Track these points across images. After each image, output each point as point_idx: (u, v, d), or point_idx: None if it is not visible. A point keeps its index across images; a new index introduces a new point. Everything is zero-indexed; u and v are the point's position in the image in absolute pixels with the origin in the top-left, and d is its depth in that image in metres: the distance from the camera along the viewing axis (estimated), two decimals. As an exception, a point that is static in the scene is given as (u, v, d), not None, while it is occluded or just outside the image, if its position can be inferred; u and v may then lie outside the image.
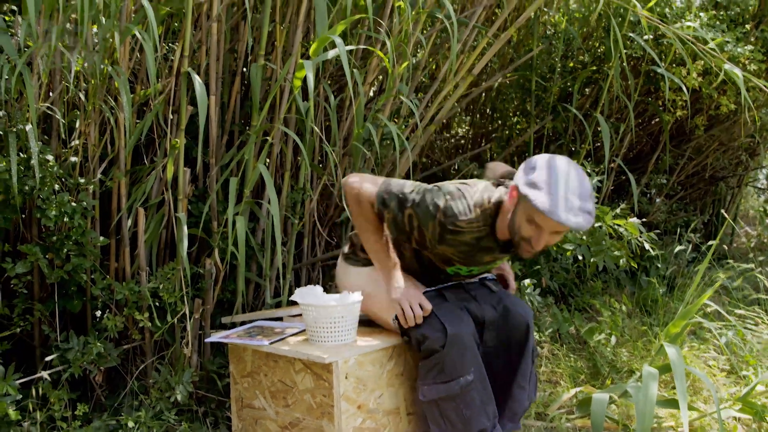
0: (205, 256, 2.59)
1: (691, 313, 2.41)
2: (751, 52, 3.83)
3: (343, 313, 1.97)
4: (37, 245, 2.38)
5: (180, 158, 2.44)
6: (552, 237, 1.85)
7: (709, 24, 3.76)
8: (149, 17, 2.09)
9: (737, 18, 3.88)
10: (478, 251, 1.99)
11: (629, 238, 2.90)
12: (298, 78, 2.17)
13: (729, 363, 2.97)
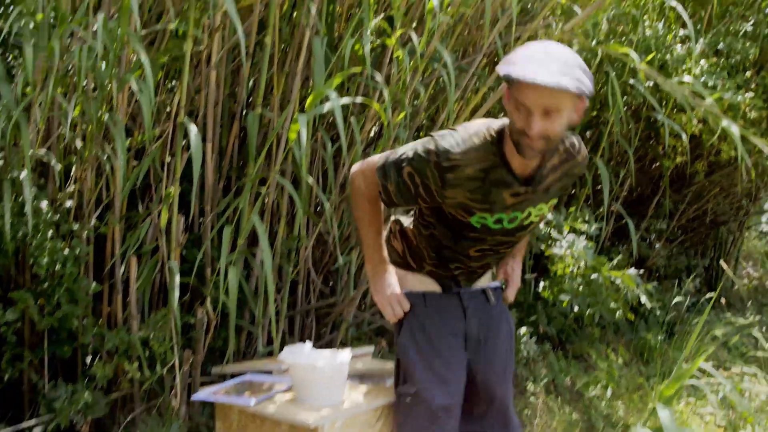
0: (197, 304, 2.57)
1: (685, 377, 2.38)
2: (751, 99, 3.84)
3: (331, 373, 1.94)
4: (29, 291, 2.36)
5: (174, 206, 2.43)
6: (545, 120, 1.58)
7: (709, 71, 3.77)
8: (146, 70, 2.09)
9: (738, 65, 3.89)
10: (492, 186, 1.73)
11: (626, 290, 2.88)
12: (293, 131, 2.16)
13: (727, 419, 2.93)
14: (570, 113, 1.62)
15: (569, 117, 1.62)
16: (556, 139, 1.63)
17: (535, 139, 1.59)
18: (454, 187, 1.72)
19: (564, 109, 1.59)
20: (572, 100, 1.59)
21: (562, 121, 1.60)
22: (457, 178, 1.71)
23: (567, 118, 1.61)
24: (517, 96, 1.60)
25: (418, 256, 1.98)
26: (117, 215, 2.52)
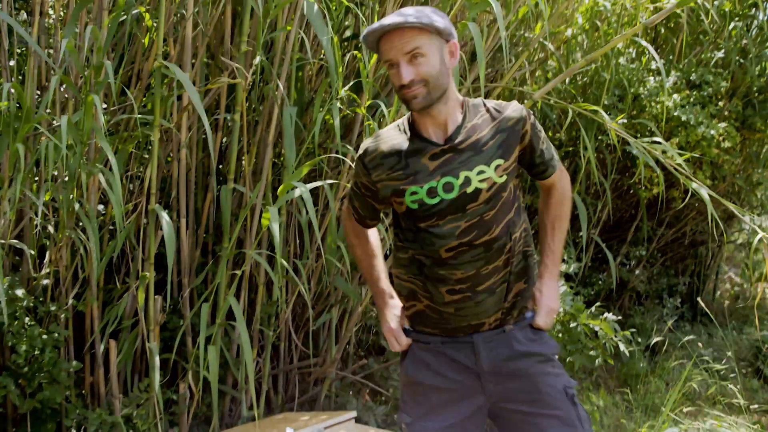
0: (180, 380, 2.59)
1: None
2: (724, 128, 3.88)
3: None
4: (9, 375, 2.38)
5: (150, 288, 2.44)
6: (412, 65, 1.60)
7: (682, 104, 3.81)
8: (112, 163, 2.09)
9: (712, 96, 3.92)
10: (408, 158, 1.70)
11: (604, 339, 2.92)
12: (266, 219, 2.18)
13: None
14: (438, 53, 1.63)
15: (440, 57, 1.63)
16: (435, 81, 1.62)
17: (413, 86, 1.61)
18: (376, 168, 1.72)
19: (425, 49, 1.61)
20: (431, 39, 1.61)
21: (432, 61, 1.61)
22: (373, 159, 1.73)
23: (437, 57, 1.62)
24: (382, 59, 1.67)
25: (413, 296, 1.78)
26: (94, 292, 2.54)
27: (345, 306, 3.10)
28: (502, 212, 1.67)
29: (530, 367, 1.70)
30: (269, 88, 2.55)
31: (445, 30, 1.63)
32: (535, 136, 1.70)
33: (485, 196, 1.65)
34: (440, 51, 1.64)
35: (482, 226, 1.66)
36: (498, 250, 1.67)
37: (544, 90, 2.73)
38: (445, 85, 1.65)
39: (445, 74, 1.65)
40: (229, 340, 2.82)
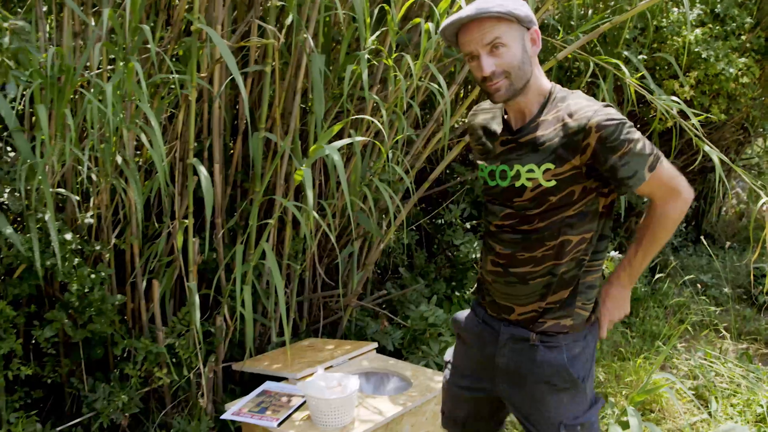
0: (215, 313, 2.82)
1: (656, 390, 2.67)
2: (744, 64, 3.89)
3: (341, 403, 2.22)
4: (61, 309, 2.60)
5: (189, 230, 2.61)
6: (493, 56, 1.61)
7: (704, 39, 3.80)
8: (150, 119, 2.20)
9: (735, 31, 3.90)
10: (488, 136, 1.79)
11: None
12: (299, 176, 2.31)
13: (695, 388, 3.26)
14: (520, 42, 1.62)
15: (522, 46, 1.62)
16: (518, 71, 1.62)
17: (495, 78, 1.62)
18: (470, 134, 1.88)
19: (505, 38, 1.60)
20: (511, 27, 1.60)
21: (514, 50, 1.61)
22: (471, 125, 1.88)
23: (519, 46, 1.62)
24: (462, 51, 1.67)
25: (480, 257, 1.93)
26: (135, 232, 2.71)
27: (367, 239, 3.29)
28: (552, 213, 1.66)
29: (536, 392, 1.73)
30: (298, 40, 2.60)
31: (526, 17, 1.61)
32: (605, 150, 1.56)
33: (529, 195, 1.67)
34: (522, 40, 1.62)
35: (524, 219, 1.70)
36: (537, 241, 1.68)
37: (582, 41, 2.75)
38: (528, 74, 1.64)
39: (528, 63, 1.63)
40: (259, 273, 3.01)
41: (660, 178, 1.60)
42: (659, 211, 1.64)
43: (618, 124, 1.56)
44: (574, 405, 1.72)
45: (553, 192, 1.64)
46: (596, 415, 1.77)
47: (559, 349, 1.70)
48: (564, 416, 1.71)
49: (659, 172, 1.60)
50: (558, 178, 1.63)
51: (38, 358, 2.74)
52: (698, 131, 2.72)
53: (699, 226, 5.49)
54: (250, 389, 2.91)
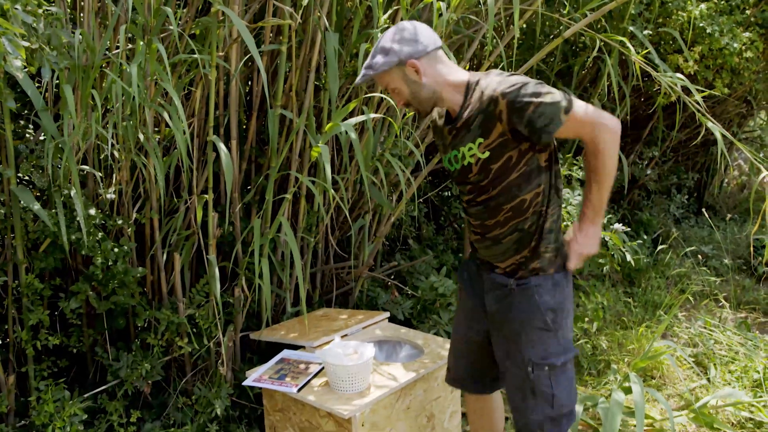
0: (233, 285, 2.92)
1: (657, 357, 2.78)
2: (748, 38, 3.93)
3: (358, 369, 2.33)
4: (86, 281, 2.70)
5: (209, 205, 2.70)
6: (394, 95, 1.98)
7: (709, 14, 3.84)
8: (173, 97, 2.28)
9: (740, 5, 3.94)
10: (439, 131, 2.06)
11: (613, 250, 3.20)
12: (315, 152, 2.39)
13: (695, 355, 3.38)
14: (403, 80, 1.91)
15: (406, 82, 1.92)
16: (415, 100, 1.94)
17: (407, 107, 2.00)
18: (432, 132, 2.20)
19: (392, 84, 1.93)
20: (391, 75, 1.91)
21: (401, 89, 1.93)
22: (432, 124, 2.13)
23: (404, 84, 1.92)
24: None
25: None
26: (155, 207, 2.80)
27: (378, 212, 3.38)
28: (499, 179, 1.90)
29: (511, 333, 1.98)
30: (313, 19, 2.66)
31: (399, 61, 1.88)
32: (516, 111, 1.77)
33: (476, 170, 1.94)
34: (404, 78, 1.91)
35: (480, 190, 1.96)
36: (497, 207, 1.94)
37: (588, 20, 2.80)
38: (427, 95, 1.93)
39: (420, 88, 1.92)
40: (275, 245, 3.11)
41: (578, 118, 1.78)
42: (591, 146, 1.82)
43: (520, 85, 1.78)
44: (543, 346, 1.94)
45: (492, 161, 1.89)
46: (567, 362, 1.97)
47: (530, 291, 1.94)
48: (533, 355, 1.95)
49: (576, 112, 1.78)
50: (490, 148, 1.88)
51: (64, 329, 2.85)
52: (701, 106, 2.79)
53: (701, 198, 5.58)
54: (266, 358, 3.03)
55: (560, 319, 1.96)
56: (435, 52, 1.91)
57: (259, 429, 2.87)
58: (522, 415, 2.02)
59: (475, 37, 3.21)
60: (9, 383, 2.55)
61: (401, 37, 1.88)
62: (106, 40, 2.28)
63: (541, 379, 1.95)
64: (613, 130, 1.81)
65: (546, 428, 1.99)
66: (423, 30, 1.91)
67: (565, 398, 1.97)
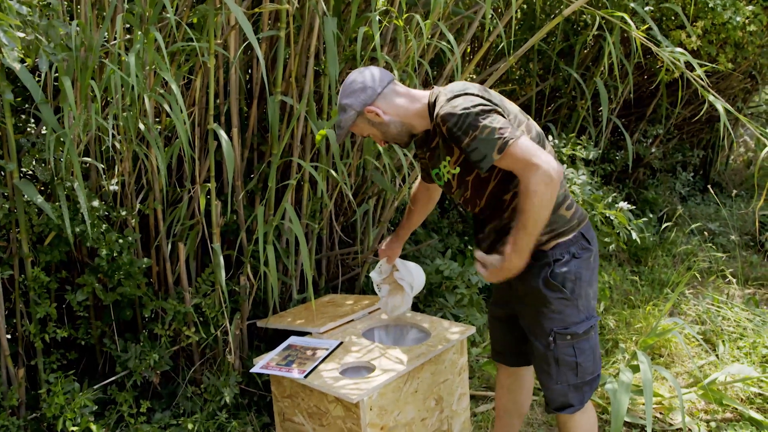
0: (239, 273, 2.92)
1: (665, 334, 2.77)
2: (752, 11, 3.89)
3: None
4: (92, 273, 2.71)
5: (212, 193, 2.69)
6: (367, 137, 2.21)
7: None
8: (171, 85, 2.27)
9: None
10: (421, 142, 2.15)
11: (619, 229, 3.19)
12: (320, 135, 2.38)
13: (703, 333, 3.37)
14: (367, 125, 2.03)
15: (371, 126, 2.03)
16: (388, 138, 2.05)
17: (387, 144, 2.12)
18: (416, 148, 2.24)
19: (363, 132, 2.07)
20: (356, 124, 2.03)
21: (372, 133, 2.06)
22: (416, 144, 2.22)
23: (370, 128, 2.04)
24: None
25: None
26: (158, 197, 2.80)
27: (382, 197, 3.37)
28: (480, 190, 1.98)
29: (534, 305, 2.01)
30: (311, 4, 2.64)
31: (352, 114, 1.99)
32: (453, 139, 1.83)
33: (454, 184, 2.04)
34: (367, 123, 2.02)
35: (468, 202, 2.05)
36: (492, 214, 2.02)
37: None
38: (396, 130, 2.03)
39: (388, 127, 2.02)
40: (279, 233, 3.11)
41: (513, 156, 1.77)
42: (522, 185, 1.79)
43: (460, 115, 1.79)
44: (564, 316, 1.98)
45: (465, 174, 1.97)
46: (589, 330, 2.01)
47: (548, 264, 1.96)
48: (555, 325, 1.98)
49: (511, 151, 1.76)
50: (458, 164, 1.96)
51: (71, 321, 2.86)
52: (704, 81, 2.77)
53: (706, 175, 5.54)
54: (273, 345, 3.04)
55: (579, 288, 1.98)
56: (387, 89, 2.00)
57: (268, 416, 2.89)
58: (547, 386, 2.07)
59: (475, 18, 3.19)
60: (19, 376, 2.57)
61: (350, 90, 1.99)
62: (104, 30, 2.28)
63: (564, 349, 2.00)
64: (546, 173, 1.74)
65: (570, 396, 2.05)
66: (368, 75, 1.99)
67: (590, 365, 2.02)
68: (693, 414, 2.80)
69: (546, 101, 4.38)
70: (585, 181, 3.35)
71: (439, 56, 3.66)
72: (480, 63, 3.83)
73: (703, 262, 4.15)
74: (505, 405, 2.49)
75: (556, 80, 4.27)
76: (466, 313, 3.35)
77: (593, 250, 2.04)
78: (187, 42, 2.48)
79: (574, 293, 1.97)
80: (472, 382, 3.17)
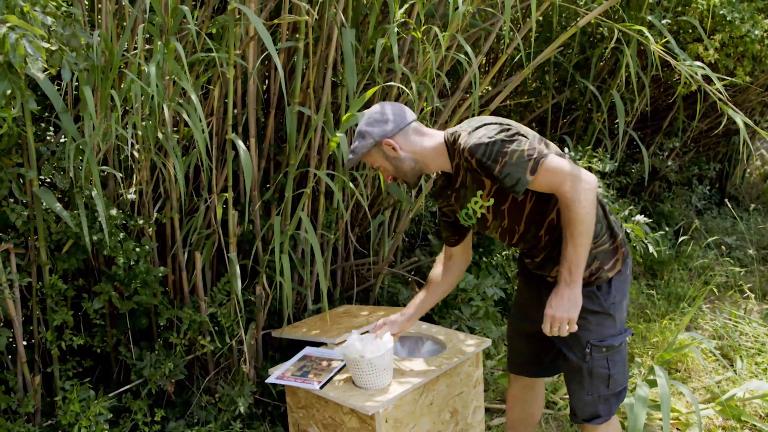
0: (254, 283, 2.92)
1: (682, 349, 2.75)
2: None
3: (378, 361, 2.31)
4: (108, 281, 2.72)
5: (229, 203, 2.70)
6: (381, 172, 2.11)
7: (729, 2, 3.78)
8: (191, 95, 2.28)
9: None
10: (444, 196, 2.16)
11: (635, 242, 3.17)
12: (334, 142, 2.39)
13: (720, 348, 3.33)
14: (383, 158, 2.04)
15: (387, 159, 2.04)
16: (400, 174, 2.06)
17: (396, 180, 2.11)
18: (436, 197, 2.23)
19: (376, 163, 2.07)
20: (371, 155, 2.04)
21: (385, 166, 2.06)
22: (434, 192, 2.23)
23: (386, 161, 2.04)
24: None
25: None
26: (175, 207, 2.81)
27: (397, 208, 3.37)
28: (518, 215, 1.98)
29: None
30: (330, 15, 2.65)
31: (373, 141, 2.00)
32: (485, 170, 1.85)
33: (490, 217, 2.03)
34: (383, 156, 2.04)
35: (506, 232, 2.05)
36: (533, 237, 2.02)
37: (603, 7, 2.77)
38: (409, 167, 2.04)
39: (401, 163, 2.03)
40: (295, 243, 3.11)
41: (546, 173, 1.80)
42: (562, 200, 1.82)
43: (486, 144, 1.82)
44: (601, 329, 1.99)
45: (500, 203, 1.97)
46: (623, 343, 2.02)
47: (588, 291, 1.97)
48: (592, 337, 1.99)
49: (544, 170, 1.80)
50: (492, 195, 1.96)
51: (88, 329, 2.87)
52: (722, 95, 2.75)
53: (723, 188, 5.51)
54: (288, 355, 3.03)
55: (618, 302, 2.01)
56: (408, 126, 2.02)
57: (283, 426, 2.88)
58: (579, 396, 2.08)
59: (492, 30, 3.19)
60: (35, 383, 2.58)
61: (373, 120, 2.02)
62: (124, 40, 2.30)
63: (599, 361, 2.01)
64: (587, 181, 1.80)
65: (599, 407, 2.06)
66: (392, 109, 2.03)
67: (621, 378, 2.04)
68: (711, 430, 2.77)
69: (562, 113, 4.38)
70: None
71: (456, 68, 3.66)
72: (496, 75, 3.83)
73: (720, 277, 4.10)
74: (519, 416, 2.50)
75: (572, 92, 4.26)
76: (481, 325, 3.33)
77: (629, 262, 2.07)
78: (207, 52, 2.49)
79: (612, 307, 1.99)
80: (486, 395, 3.15)
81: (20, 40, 1.64)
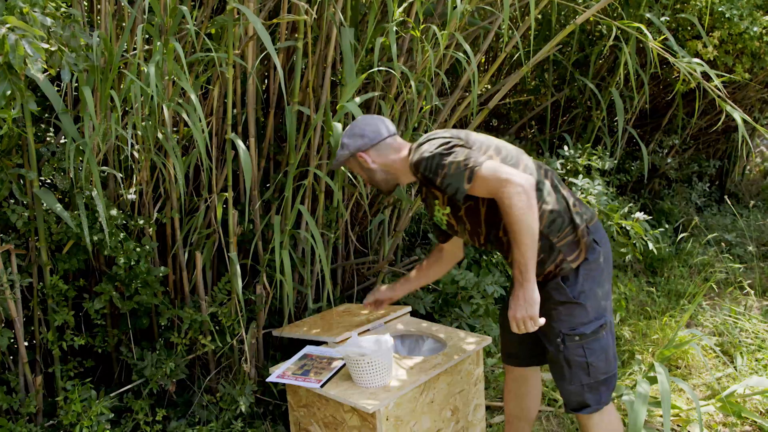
0: (255, 282, 2.93)
1: (682, 346, 2.75)
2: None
3: (378, 359, 2.32)
4: (109, 281, 2.72)
5: (229, 202, 2.71)
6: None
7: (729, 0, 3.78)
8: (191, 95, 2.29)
9: (758, -13, 3.88)
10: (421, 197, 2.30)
11: (635, 239, 3.17)
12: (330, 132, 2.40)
13: (720, 344, 3.34)
14: (359, 167, 2.24)
15: (361, 169, 2.23)
16: (374, 182, 2.25)
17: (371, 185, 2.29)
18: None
19: (353, 170, 2.28)
20: (349, 162, 2.24)
21: (361, 173, 2.26)
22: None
23: (361, 170, 2.24)
24: None
25: None
26: (175, 206, 2.82)
27: (397, 207, 3.38)
28: (475, 219, 2.08)
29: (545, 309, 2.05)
30: (328, 14, 2.66)
31: (347, 153, 2.19)
32: (427, 181, 1.99)
33: (454, 222, 2.16)
34: (359, 165, 2.23)
35: (473, 234, 2.15)
36: (495, 240, 2.11)
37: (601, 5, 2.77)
38: (381, 178, 2.23)
39: (374, 174, 2.22)
40: (295, 242, 3.12)
41: (481, 180, 1.90)
42: (500, 205, 1.90)
43: (427, 158, 1.97)
44: (571, 318, 2.04)
45: (456, 210, 2.10)
46: (599, 330, 2.04)
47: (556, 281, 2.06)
48: (563, 327, 2.05)
49: (478, 177, 1.90)
50: (446, 203, 2.11)
51: (89, 330, 2.88)
52: (721, 92, 2.75)
53: (723, 185, 5.51)
54: (289, 354, 3.04)
55: (588, 290, 2.03)
56: (382, 142, 2.18)
57: (284, 425, 2.88)
58: (562, 387, 2.13)
59: (491, 28, 3.19)
60: (36, 384, 2.59)
61: (352, 133, 2.20)
62: (124, 41, 2.30)
63: (574, 350, 2.05)
64: (519, 184, 1.85)
65: (585, 396, 2.08)
66: (370, 124, 2.19)
67: (602, 365, 2.06)
68: (711, 426, 2.77)
69: (561, 111, 4.38)
70: (601, 192, 3.33)
71: (455, 66, 3.67)
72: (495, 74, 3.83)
73: (720, 273, 4.11)
74: (514, 411, 2.54)
75: (571, 90, 4.27)
76: (481, 323, 3.34)
77: (601, 249, 2.08)
78: (206, 52, 2.50)
79: (582, 295, 2.02)
80: (487, 393, 3.16)
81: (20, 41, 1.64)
